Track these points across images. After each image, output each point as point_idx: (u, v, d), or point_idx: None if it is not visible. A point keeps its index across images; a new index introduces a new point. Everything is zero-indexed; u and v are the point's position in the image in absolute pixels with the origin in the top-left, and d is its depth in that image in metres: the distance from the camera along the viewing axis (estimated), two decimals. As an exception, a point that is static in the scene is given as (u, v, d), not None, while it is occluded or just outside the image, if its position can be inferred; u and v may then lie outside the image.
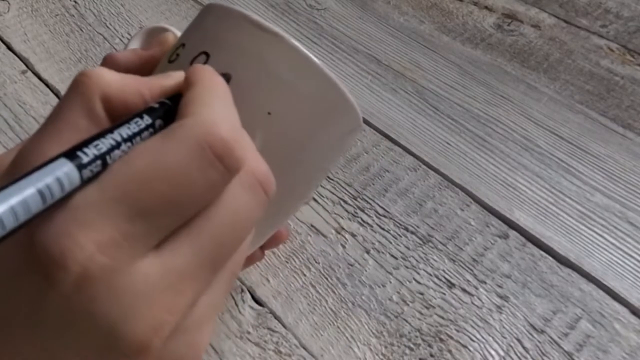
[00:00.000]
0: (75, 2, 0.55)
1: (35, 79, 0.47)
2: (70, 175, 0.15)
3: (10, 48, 0.49)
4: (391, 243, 0.37)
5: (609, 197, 0.41)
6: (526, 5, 0.60)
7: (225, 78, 0.20)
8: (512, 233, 0.39)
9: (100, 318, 0.15)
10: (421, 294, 0.35)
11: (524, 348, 0.33)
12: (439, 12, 0.58)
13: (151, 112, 0.17)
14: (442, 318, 0.34)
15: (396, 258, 0.37)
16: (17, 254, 0.15)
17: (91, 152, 0.15)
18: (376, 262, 0.36)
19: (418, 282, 0.35)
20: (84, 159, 0.15)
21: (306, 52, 0.22)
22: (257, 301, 0.34)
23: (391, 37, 0.54)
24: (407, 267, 0.36)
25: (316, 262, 0.36)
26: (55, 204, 0.15)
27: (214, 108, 0.17)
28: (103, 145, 0.16)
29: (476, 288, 0.35)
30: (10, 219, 0.13)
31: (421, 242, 0.38)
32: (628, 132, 0.47)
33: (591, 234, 0.39)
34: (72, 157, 0.15)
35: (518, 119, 0.47)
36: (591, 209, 0.40)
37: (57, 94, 0.46)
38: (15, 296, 0.15)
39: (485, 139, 0.45)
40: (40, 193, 0.14)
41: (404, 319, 0.34)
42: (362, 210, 0.39)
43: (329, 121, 0.24)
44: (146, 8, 0.55)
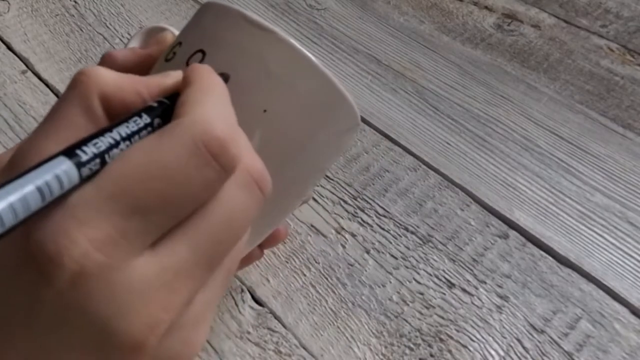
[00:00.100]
0: (75, 2, 0.55)
1: (35, 79, 0.47)
2: (69, 173, 0.15)
3: (10, 48, 0.49)
4: (391, 243, 0.37)
5: (609, 197, 0.41)
6: (526, 5, 0.60)
7: (223, 78, 0.20)
8: (512, 233, 0.39)
9: (95, 315, 0.15)
10: (421, 294, 0.35)
11: (524, 348, 0.33)
12: (439, 12, 0.58)
13: (150, 111, 0.17)
14: (442, 318, 0.34)
15: (396, 258, 0.37)
16: (14, 252, 0.15)
17: (90, 151, 0.15)
18: (376, 262, 0.36)
19: (418, 282, 0.35)
20: (83, 157, 0.15)
21: (303, 50, 0.22)
22: (257, 301, 0.34)
23: (391, 37, 0.54)
24: (407, 267, 0.36)
25: (316, 262, 0.36)
26: (54, 202, 0.15)
27: (210, 107, 0.17)
28: (102, 143, 0.16)
29: (476, 288, 0.35)
30: (9, 216, 0.13)
31: (421, 242, 0.38)
32: (628, 132, 0.47)
33: (591, 234, 0.39)
34: (71, 155, 0.15)
35: (518, 119, 0.47)
36: (591, 209, 0.40)
37: (57, 94, 0.46)
38: (11, 294, 0.15)
39: (485, 139, 0.45)
40: (39, 190, 0.14)
41: (404, 319, 0.34)
42: (362, 210, 0.39)
43: (327, 119, 0.24)
44: (146, 8, 0.55)
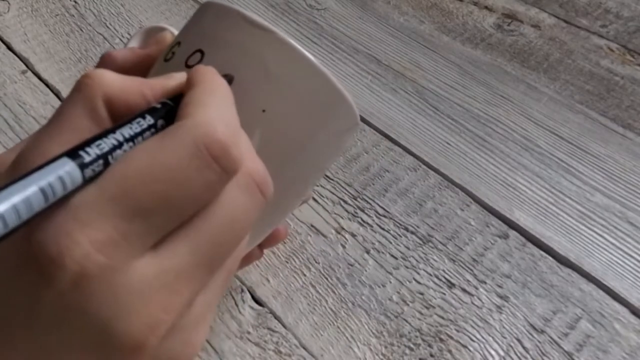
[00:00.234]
0: (75, 2, 0.55)
1: (35, 79, 0.47)
2: (72, 174, 0.15)
3: (10, 48, 0.49)
4: (391, 243, 0.37)
5: (609, 197, 0.41)
6: (526, 5, 0.60)
7: (227, 79, 0.20)
8: (512, 233, 0.39)
9: (96, 316, 0.15)
10: (421, 294, 0.35)
11: (524, 348, 0.33)
12: (439, 12, 0.58)
13: (153, 113, 0.17)
14: (442, 318, 0.34)
15: (396, 258, 0.37)
16: (15, 253, 0.15)
17: (93, 152, 0.15)
18: (376, 262, 0.36)
19: (418, 282, 0.35)
20: (86, 158, 0.15)
21: (302, 50, 0.22)
22: (257, 301, 0.34)
23: (391, 37, 0.54)
24: (407, 267, 0.36)
25: (316, 262, 0.36)
26: (57, 203, 0.15)
27: (213, 109, 0.17)
28: (105, 144, 0.16)
29: (476, 288, 0.35)
30: (12, 217, 0.13)
31: (421, 242, 0.38)
32: (628, 132, 0.47)
33: (591, 234, 0.39)
34: (75, 157, 0.15)
35: (518, 119, 0.47)
36: (591, 209, 0.40)
37: (57, 94, 0.46)
38: (12, 295, 0.16)
39: (485, 139, 0.45)
40: (42, 191, 0.14)
41: (404, 319, 0.34)
42: (362, 210, 0.39)
43: (326, 119, 0.24)
44: (146, 8, 0.55)
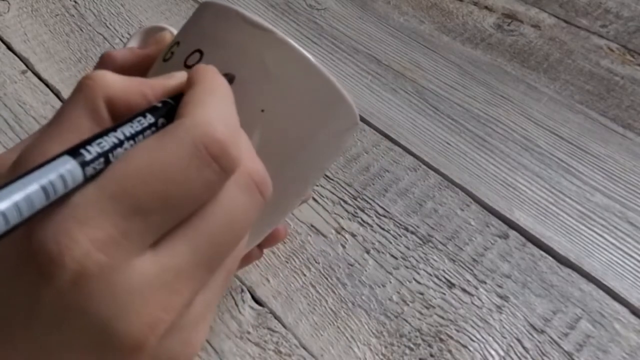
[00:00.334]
0: (75, 2, 0.55)
1: (35, 79, 0.47)
2: (73, 172, 0.15)
3: (10, 48, 0.49)
4: (391, 243, 0.37)
5: (609, 197, 0.41)
6: (526, 5, 0.60)
7: (227, 78, 0.20)
8: (512, 233, 0.39)
9: (96, 315, 0.15)
10: (421, 294, 0.35)
11: (524, 348, 0.33)
12: (439, 12, 0.58)
13: (154, 111, 0.17)
14: (442, 318, 0.34)
15: (396, 258, 0.37)
16: (15, 252, 0.15)
17: (94, 150, 0.15)
18: (376, 262, 0.36)
19: (418, 282, 0.35)
20: (87, 157, 0.15)
21: (301, 50, 0.22)
22: (257, 301, 0.34)
23: (391, 37, 0.54)
24: (407, 267, 0.36)
25: (316, 262, 0.36)
26: (58, 201, 0.15)
27: (212, 108, 0.17)
28: (106, 143, 0.16)
29: (476, 288, 0.35)
30: (14, 214, 0.13)
31: (421, 242, 0.38)
32: (628, 132, 0.47)
33: (591, 234, 0.39)
34: (76, 155, 0.15)
35: (518, 119, 0.47)
36: (591, 209, 0.40)
37: (57, 94, 0.46)
38: (12, 294, 0.16)
39: (485, 139, 0.45)
40: (43, 189, 0.14)
41: (404, 319, 0.34)
42: (362, 210, 0.39)
43: (325, 119, 0.24)
44: (146, 8, 0.55)
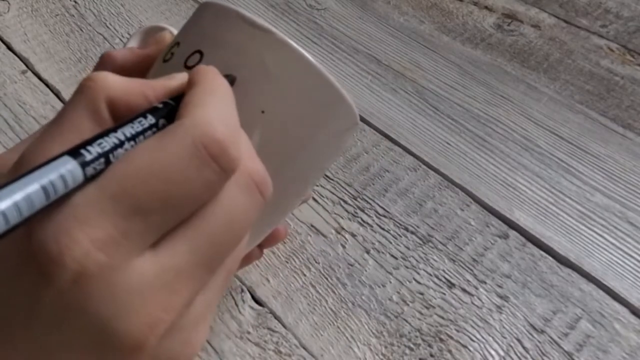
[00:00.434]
0: (75, 2, 0.55)
1: (35, 79, 0.47)
2: (73, 172, 0.15)
3: (10, 48, 0.49)
4: (391, 243, 0.37)
5: (609, 197, 0.41)
6: (526, 5, 0.60)
7: (229, 79, 0.20)
8: (512, 233, 0.39)
9: (96, 315, 0.15)
10: (421, 294, 0.35)
11: (524, 348, 0.33)
12: (439, 12, 0.58)
13: (155, 112, 0.17)
14: (442, 318, 0.34)
15: (396, 258, 0.37)
16: (15, 251, 0.15)
17: (95, 150, 0.15)
18: (376, 262, 0.36)
19: (418, 282, 0.35)
20: (87, 157, 0.15)
21: (301, 51, 0.22)
22: (257, 301, 0.34)
23: (391, 37, 0.54)
24: (407, 267, 0.36)
25: (316, 262, 0.36)
26: (58, 201, 0.15)
27: (212, 108, 0.17)
28: (107, 143, 0.16)
29: (476, 288, 0.35)
30: (14, 214, 0.13)
31: (421, 242, 0.38)
32: (628, 132, 0.47)
33: (591, 234, 0.39)
34: (76, 155, 0.15)
35: (518, 119, 0.47)
36: (591, 209, 0.40)
37: (57, 94, 0.46)
38: (12, 294, 0.16)
39: (485, 139, 0.45)
40: (43, 189, 0.14)
41: (404, 319, 0.34)
42: (362, 210, 0.39)
43: (325, 119, 0.24)
44: (146, 8, 0.55)
